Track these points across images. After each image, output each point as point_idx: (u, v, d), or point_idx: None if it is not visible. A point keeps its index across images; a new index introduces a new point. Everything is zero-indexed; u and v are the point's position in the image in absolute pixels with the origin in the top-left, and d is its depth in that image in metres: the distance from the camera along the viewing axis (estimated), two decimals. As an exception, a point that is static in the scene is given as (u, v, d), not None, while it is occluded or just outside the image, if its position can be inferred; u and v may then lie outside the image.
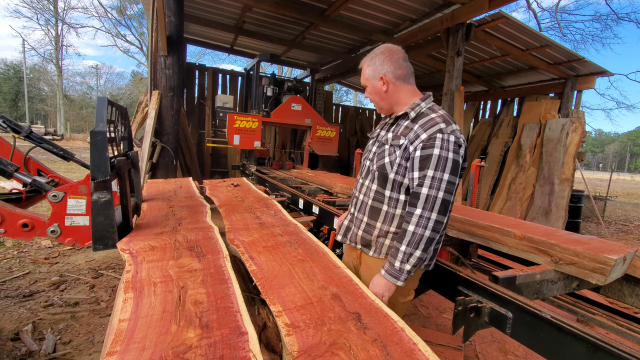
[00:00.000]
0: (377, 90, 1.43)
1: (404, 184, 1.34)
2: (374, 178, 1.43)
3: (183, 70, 5.58)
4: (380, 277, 1.32)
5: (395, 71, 1.39)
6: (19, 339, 2.25)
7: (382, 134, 1.49)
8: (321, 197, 3.31)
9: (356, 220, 1.51)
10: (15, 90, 34.60)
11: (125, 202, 1.83)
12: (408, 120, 1.37)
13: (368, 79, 1.44)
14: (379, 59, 1.41)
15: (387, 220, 1.40)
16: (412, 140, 1.30)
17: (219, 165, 9.00)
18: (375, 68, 1.41)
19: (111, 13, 26.83)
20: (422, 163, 1.26)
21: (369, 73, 1.43)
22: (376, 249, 1.44)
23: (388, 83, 1.40)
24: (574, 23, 19.84)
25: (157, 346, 0.84)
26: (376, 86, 1.42)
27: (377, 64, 1.40)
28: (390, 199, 1.38)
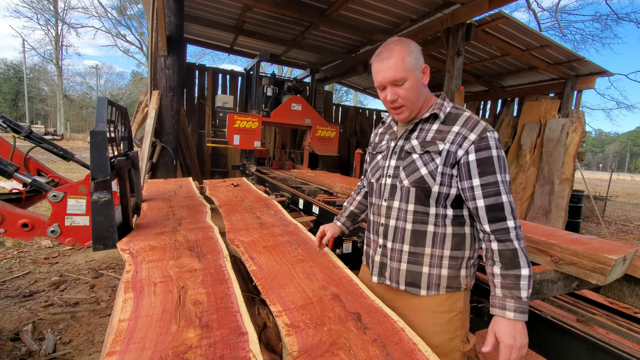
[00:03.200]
0: (418, 84, 1.15)
1: (451, 195, 1.13)
2: (408, 197, 1.17)
3: (183, 70, 5.58)
4: (506, 324, 1.01)
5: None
6: (19, 339, 2.25)
7: (398, 144, 1.24)
8: (321, 197, 3.31)
9: (392, 253, 1.22)
10: (15, 90, 34.60)
11: (125, 202, 1.83)
12: (437, 123, 1.16)
13: (410, 70, 1.12)
14: (415, 46, 1.14)
15: (437, 243, 1.16)
16: (458, 142, 1.09)
17: (219, 165, 8.99)
18: (417, 56, 1.13)
19: (111, 13, 26.87)
20: (482, 167, 1.07)
21: (410, 62, 1.11)
22: (430, 285, 1.17)
23: (428, 75, 1.17)
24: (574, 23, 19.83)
25: (157, 346, 0.84)
26: (418, 79, 1.14)
27: (416, 51, 1.13)
28: (437, 216, 1.15)
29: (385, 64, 1.13)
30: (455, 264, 1.16)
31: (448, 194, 1.12)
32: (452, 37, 5.24)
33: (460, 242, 1.16)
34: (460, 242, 1.16)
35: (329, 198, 3.28)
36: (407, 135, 1.22)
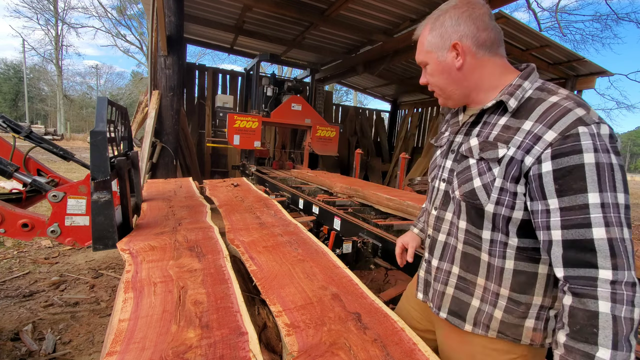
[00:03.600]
0: (445, 67, 0.89)
1: (514, 219, 0.81)
2: (459, 210, 0.91)
3: (183, 70, 5.58)
4: None
5: (478, 34, 0.85)
6: (19, 339, 2.25)
7: (456, 140, 0.96)
8: (321, 197, 3.31)
9: (437, 272, 1.00)
10: (15, 90, 34.60)
11: (125, 202, 1.83)
12: (506, 115, 0.84)
13: (429, 52, 0.91)
14: (450, 16, 0.87)
15: (493, 276, 0.87)
16: (526, 147, 0.76)
17: (219, 165, 8.99)
18: (444, 31, 0.88)
19: (111, 13, 26.87)
20: (563, 182, 0.71)
21: (430, 42, 0.90)
22: (478, 322, 0.90)
23: (465, 53, 0.86)
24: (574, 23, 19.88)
25: (157, 346, 0.84)
26: (444, 61, 0.89)
27: (448, 24, 0.87)
28: (493, 243, 0.86)
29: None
30: (515, 310, 0.85)
31: (509, 217, 0.81)
32: (452, 37, 5.24)
33: (528, 284, 0.84)
34: (529, 283, 0.84)
35: (329, 198, 3.28)
36: (467, 129, 0.92)
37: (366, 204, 3.08)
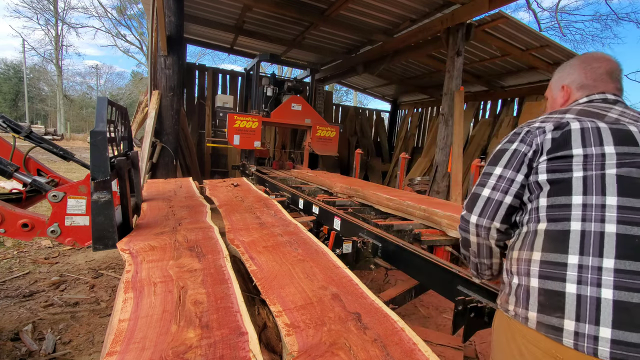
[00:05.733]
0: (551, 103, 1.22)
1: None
2: None
3: (183, 70, 5.58)
4: None
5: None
6: (19, 339, 2.25)
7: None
8: (321, 197, 3.31)
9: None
10: (15, 90, 34.56)
11: (125, 202, 1.83)
12: None
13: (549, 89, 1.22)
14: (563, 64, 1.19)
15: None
16: None
17: (219, 165, 8.99)
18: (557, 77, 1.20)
19: (111, 13, 26.87)
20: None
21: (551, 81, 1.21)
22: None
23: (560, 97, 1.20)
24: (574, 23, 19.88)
25: (157, 346, 0.84)
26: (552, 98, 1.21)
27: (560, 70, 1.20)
28: None
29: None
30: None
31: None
32: (452, 37, 5.24)
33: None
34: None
35: (329, 198, 3.28)
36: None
37: (366, 204, 3.08)
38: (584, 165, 0.88)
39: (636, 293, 0.76)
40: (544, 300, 0.85)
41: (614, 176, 0.84)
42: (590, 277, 0.80)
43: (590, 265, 0.81)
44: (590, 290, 0.79)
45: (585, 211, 0.84)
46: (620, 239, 0.79)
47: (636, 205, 0.80)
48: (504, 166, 1.02)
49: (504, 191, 1.01)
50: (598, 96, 1.04)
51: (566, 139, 0.92)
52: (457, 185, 5.14)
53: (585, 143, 0.89)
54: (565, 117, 0.96)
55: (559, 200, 0.89)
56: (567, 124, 0.94)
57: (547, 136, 0.95)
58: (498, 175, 1.02)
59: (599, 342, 0.76)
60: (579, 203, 0.86)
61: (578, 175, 0.88)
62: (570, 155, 0.90)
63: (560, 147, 0.92)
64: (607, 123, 0.91)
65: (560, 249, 0.86)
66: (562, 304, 0.82)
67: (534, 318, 0.86)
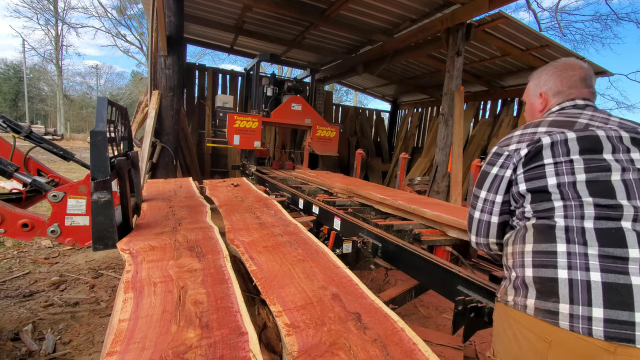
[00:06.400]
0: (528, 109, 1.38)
1: None
2: None
3: (183, 70, 5.58)
4: None
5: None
6: (19, 339, 2.25)
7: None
8: (321, 197, 3.31)
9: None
10: (15, 90, 34.55)
11: (125, 202, 1.83)
12: None
13: (527, 94, 1.38)
14: (539, 71, 1.33)
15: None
16: None
17: (219, 165, 8.99)
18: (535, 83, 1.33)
19: (111, 13, 26.86)
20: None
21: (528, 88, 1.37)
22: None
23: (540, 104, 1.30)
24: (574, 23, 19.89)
25: (157, 346, 0.84)
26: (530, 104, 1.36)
27: (536, 77, 1.34)
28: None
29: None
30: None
31: None
32: (452, 37, 5.24)
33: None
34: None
35: (329, 198, 3.28)
36: None
37: (366, 204, 3.09)
38: (556, 171, 0.97)
39: (621, 275, 0.82)
40: (540, 287, 0.90)
41: (583, 182, 0.94)
42: (578, 262, 0.86)
43: (577, 252, 0.88)
44: (580, 274, 0.85)
45: (566, 211, 0.93)
46: (599, 232, 0.88)
47: (609, 203, 0.89)
48: (487, 190, 1.14)
49: (489, 212, 1.14)
50: (569, 103, 1.14)
51: (538, 152, 1.02)
52: (457, 185, 5.14)
53: (555, 154, 1.00)
54: (538, 133, 1.06)
55: (542, 206, 0.99)
56: (539, 140, 1.03)
57: (522, 153, 1.05)
58: (483, 198, 1.15)
59: (593, 322, 0.81)
60: (560, 205, 0.95)
61: (552, 182, 0.97)
62: (542, 164, 1.01)
63: (533, 159, 1.03)
64: (576, 131, 1.01)
65: (549, 239, 0.93)
66: (556, 289, 0.87)
67: (532, 305, 0.91)
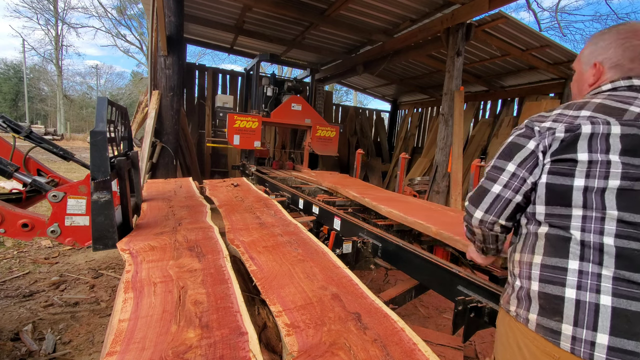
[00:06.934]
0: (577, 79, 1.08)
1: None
2: None
3: (183, 70, 5.58)
4: None
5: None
6: (19, 339, 2.25)
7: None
8: (321, 197, 3.32)
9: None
10: (15, 90, 34.55)
11: (125, 202, 1.83)
12: None
13: (578, 62, 1.07)
14: (599, 36, 1.01)
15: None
16: None
17: (219, 165, 8.99)
18: (593, 49, 1.02)
19: (111, 13, 26.87)
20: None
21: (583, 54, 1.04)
22: None
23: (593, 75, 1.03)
24: (574, 23, 19.93)
25: (157, 346, 0.84)
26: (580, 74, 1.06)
27: (598, 42, 1.01)
28: None
29: None
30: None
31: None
32: (452, 37, 5.24)
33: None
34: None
35: (329, 198, 3.28)
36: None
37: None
38: (588, 171, 0.83)
39: (634, 301, 0.76)
40: (544, 303, 0.85)
41: (614, 190, 0.81)
42: (589, 283, 0.80)
43: (590, 272, 0.81)
44: (589, 296, 0.79)
45: (584, 222, 0.84)
46: (619, 252, 0.79)
47: (636, 220, 0.79)
48: (518, 164, 0.93)
49: (516, 190, 0.94)
50: (624, 82, 0.92)
51: (574, 141, 0.86)
52: (456, 185, 5.14)
53: (592, 149, 0.83)
54: (579, 118, 0.87)
55: (558, 210, 0.88)
56: (579, 127, 0.86)
57: (556, 137, 0.88)
58: (511, 172, 0.94)
59: (596, 348, 0.77)
60: (579, 214, 0.84)
61: (579, 184, 0.84)
62: (574, 159, 0.85)
63: (565, 149, 0.87)
64: (623, 124, 0.82)
65: (561, 253, 0.85)
66: (561, 308, 0.82)
67: (534, 320, 0.87)
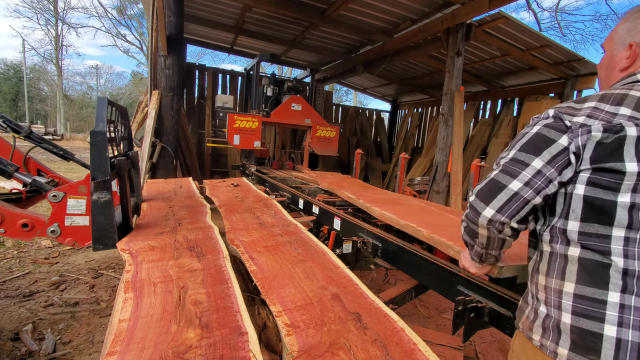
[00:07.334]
0: (608, 61, 0.95)
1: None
2: None
3: (183, 70, 5.58)
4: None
5: None
6: (19, 339, 2.25)
7: None
8: (321, 197, 3.31)
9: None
10: (15, 90, 34.55)
11: (125, 202, 1.83)
12: None
13: (610, 40, 0.95)
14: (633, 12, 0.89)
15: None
16: None
17: (219, 165, 8.99)
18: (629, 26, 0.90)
19: (111, 13, 26.88)
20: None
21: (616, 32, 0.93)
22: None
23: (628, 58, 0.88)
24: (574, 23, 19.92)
25: (157, 346, 0.84)
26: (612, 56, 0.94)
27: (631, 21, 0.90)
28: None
29: None
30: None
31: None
32: (452, 37, 5.24)
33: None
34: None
35: (329, 198, 3.28)
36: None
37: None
38: (635, 186, 0.70)
39: None
40: (577, 339, 0.75)
41: None
42: (632, 318, 0.70)
43: (633, 305, 0.70)
44: (632, 334, 0.70)
45: (627, 246, 0.72)
46: None
47: None
48: (547, 161, 0.78)
49: (538, 190, 0.79)
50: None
51: (617, 148, 0.71)
52: (456, 186, 5.14)
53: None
54: (618, 116, 0.73)
55: (595, 229, 0.75)
56: (622, 128, 0.71)
57: (593, 138, 0.73)
58: (537, 169, 0.79)
59: None
60: (621, 235, 0.72)
61: (625, 200, 0.71)
62: (621, 170, 0.71)
63: (607, 157, 0.72)
64: None
65: (599, 283, 0.74)
66: (599, 346, 0.72)
67: (564, 355, 0.76)
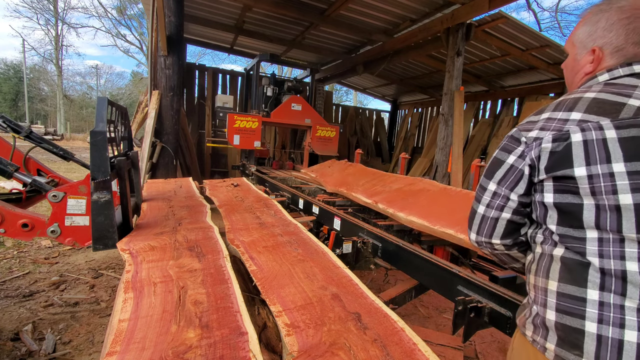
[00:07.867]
0: (571, 64, 1.01)
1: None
2: None
3: (183, 70, 5.58)
4: None
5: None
6: (19, 339, 2.25)
7: None
8: (321, 197, 3.31)
9: None
10: (15, 90, 34.55)
11: (125, 202, 1.83)
12: None
13: (571, 43, 0.98)
14: (595, 13, 0.87)
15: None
16: None
17: (219, 165, 9.00)
18: (591, 29, 0.88)
19: (111, 13, 26.89)
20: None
21: (577, 34, 0.94)
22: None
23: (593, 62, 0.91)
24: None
25: (157, 346, 0.84)
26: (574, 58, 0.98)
27: (595, 21, 0.87)
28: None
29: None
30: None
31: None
32: (452, 37, 5.24)
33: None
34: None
35: (329, 198, 3.28)
36: None
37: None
38: (592, 188, 0.73)
39: None
40: (563, 335, 0.78)
41: (630, 207, 0.70)
42: (612, 316, 0.72)
43: (611, 303, 0.72)
44: (612, 331, 0.72)
45: (601, 246, 0.74)
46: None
47: None
48: (497, 182, 0.90)
49: (499, 209, 0.90)
50: (622, 71, 0.80)
51: (567, 155, 0.75)
52: (456, 186, 5.15)
53: (589, 160, 0.73)
54: (568, 122, 0.77)
55: (571, 232, 0.78)
56: (567, 135, 0.75)
57: (544, 148, 0.79)
58: (492, 191, 0.91)
59: None
60: (594, 237, 0.75)
61: (589, 202, 0.74)
62: (571, 176, 0.75)
63: (559, 165, 0.77)
64: (619, 126, 0.71)
65: (579, 281, 0.76)
66: (581, 342, 0.74)
67: (552, 350, 0.80)
